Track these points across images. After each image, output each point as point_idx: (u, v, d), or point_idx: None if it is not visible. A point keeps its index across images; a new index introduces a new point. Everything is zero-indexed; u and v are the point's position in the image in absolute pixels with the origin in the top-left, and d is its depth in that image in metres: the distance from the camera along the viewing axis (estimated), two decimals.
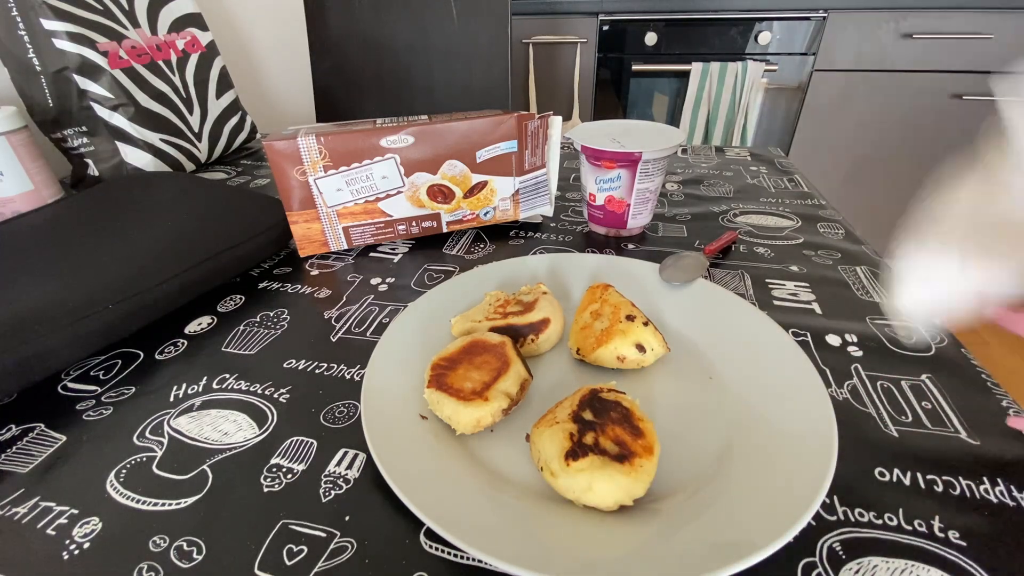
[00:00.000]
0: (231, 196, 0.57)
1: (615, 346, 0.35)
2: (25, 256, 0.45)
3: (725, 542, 0.23)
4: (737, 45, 1.55)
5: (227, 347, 0.41)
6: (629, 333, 0.35)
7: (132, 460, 0.31)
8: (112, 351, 0.41)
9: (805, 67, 1.55)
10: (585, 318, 0.38)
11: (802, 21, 1.49)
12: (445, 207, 0.54)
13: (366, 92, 1.09)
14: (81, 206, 0.53)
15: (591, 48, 1.60)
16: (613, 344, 0.35)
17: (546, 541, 0.25)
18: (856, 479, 0.28)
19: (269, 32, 1.11)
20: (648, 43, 1.58)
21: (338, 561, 0.25)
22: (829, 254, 0.52)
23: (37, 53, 0.63)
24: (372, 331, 0.42)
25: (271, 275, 0.51)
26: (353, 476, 0.30)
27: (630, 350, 0.35)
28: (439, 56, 1.05)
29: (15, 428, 0.34)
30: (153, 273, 0.42)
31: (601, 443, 0.27)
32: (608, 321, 0.37)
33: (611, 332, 0.35)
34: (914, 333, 0.40)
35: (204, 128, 0.80)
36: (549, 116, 0.55)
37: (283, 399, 0.35)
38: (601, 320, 0.37)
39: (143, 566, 0.25)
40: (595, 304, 0.39)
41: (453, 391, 0.31)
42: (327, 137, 0.48)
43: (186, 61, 0.77)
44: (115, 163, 0.70)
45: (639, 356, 0.35)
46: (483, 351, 0.34)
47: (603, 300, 0.39)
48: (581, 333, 0.37)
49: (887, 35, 1.47)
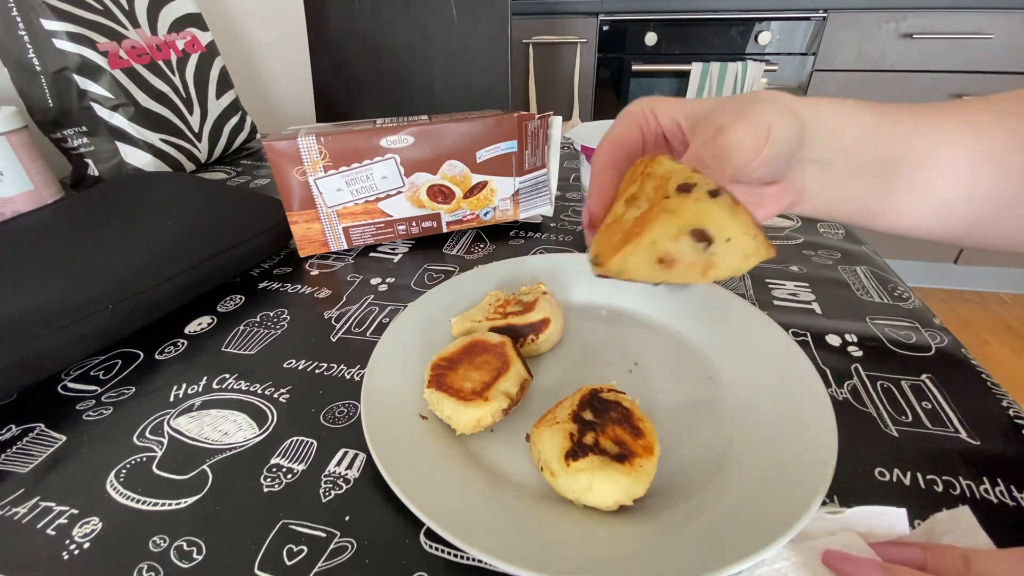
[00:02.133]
0: (231, 196, 0.57)
1: (655, 237, 0.21)
2: (25, 256, 0.45)
3: (725, 542, 0.23)
4: (737, 45, 1.55)
5: (227, 347, 0.41)
6: (681, 212, 0.20)
7: (132, 460, 0.31)
8: (112, 351, 0.40)
9: (805, 67, 1.55)
10: (617, 210, 0.25)
11: (802, 21, 1.49)
12: (445, 207, 0.54)
13: (366, 92, 1.09)
14: (81, 206, 0.53)
15: (591, 48, 1.60)
16: (651, 234, 0.20)
17: (546, 541, 0.25)
18: (856, 479, 0.28)
19: (269, 32, 1.11)
20: (648, 43, 1.58)
21: (338, 561, 0.25)
22: (829, 254, 0.52)
23: (37, 53, 0.63)
24: (372, 331, 0.42)
25: (271, 275, 0.51)
26: (353, 476, 0.30)
27: (682, 244, 0.20)
28: (439, 56, 1.05)
29: (15, 428, 0.34)
30: (153, 273, 0.42)
31: (601, 443, 0.27)
32: (649, 203, 0.22)
33: (648, 217, 0.21)
34: (914, 333, 0.40)
35: (204, 128, 0.80)
36: (549, 116, 0.55)
37: (283, 399, 0.35)
38: (638, 206, 0.23)
39: (143, 566, 0.25)
40: (634, 186, 0.24)
41: (453, 391, 0.31)
42: (327, 137, 0.48)
43: (186, 61, 0.77)
44: (115, 163, 0.70)
45: (701, 255, 0.20)
46: (483, 351, 0.34)
47: (645, 175, 0.23)
48: (605, 232, 0.24)
49: (887, 35, 1.47)
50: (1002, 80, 1.47)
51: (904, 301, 0.44)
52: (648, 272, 0.22)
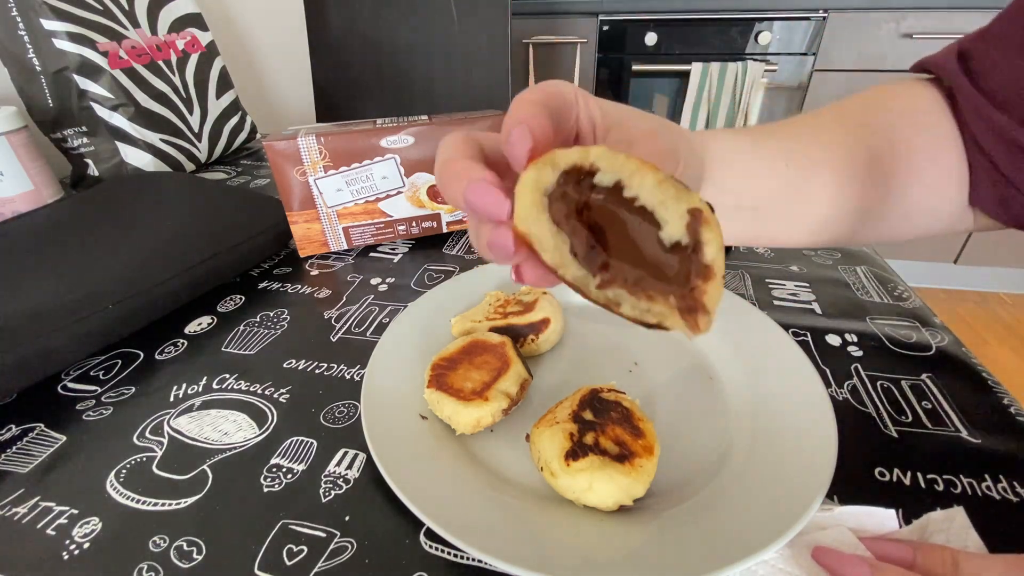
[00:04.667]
0: (231, 196, 0.57)
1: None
2: (25, 256, 0.45)
3: (725, 542, 0.23)
4: (737, 45, 1.55)
5: (227, 347, 0.41)
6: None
7: (132, 460, 0.31)
8: (112, 351, 0.40)
9: (805, 67, 1.55)
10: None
11: (802, 21, 1.49)
12: (445, 207, 0.54)
13: (366, 92, 1.09)
14: (81, 206, 0.53)
15: (591, 48, 1.60)
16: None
17: (546, 541, 0.25)
18: (856, 479, 0.28)
19: (269, 32, 1.10)
20: (648, 43, 1.58)
21: (338, 561, 0.25)
22: (829, 254, 0.52)
23: (37, 53, 0.63)
24: (372, 331, 0.42)
25: (271, 275, 0.51)
26: (353, 476, 0.30)
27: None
28: (439, 56, 1.05)
29: (15, 428, 0.34)
30: (153, 273, 0.42)
31: (601, 443, 0.27)
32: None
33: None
34: (914, 332, 0.40)
35: (204, 128, 0.80)
36: None
37: (283, 399, 0.35)
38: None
39: (143, 566, 0.25)
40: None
41: (453, 391, 0.31)
42: (327, 137, 0.48)
43: (186, 61, 0.77)
44: (115, 163, 0.70)
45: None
46: (483, 351, 0.34)
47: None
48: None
49: (887, 35, 1.47)
50: None
51: (904, 301, 0.44)
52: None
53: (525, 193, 0.17)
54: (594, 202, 0.18)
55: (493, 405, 0.30)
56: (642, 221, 0.17)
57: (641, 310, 0.17)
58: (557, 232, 0.18)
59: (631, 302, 0.17)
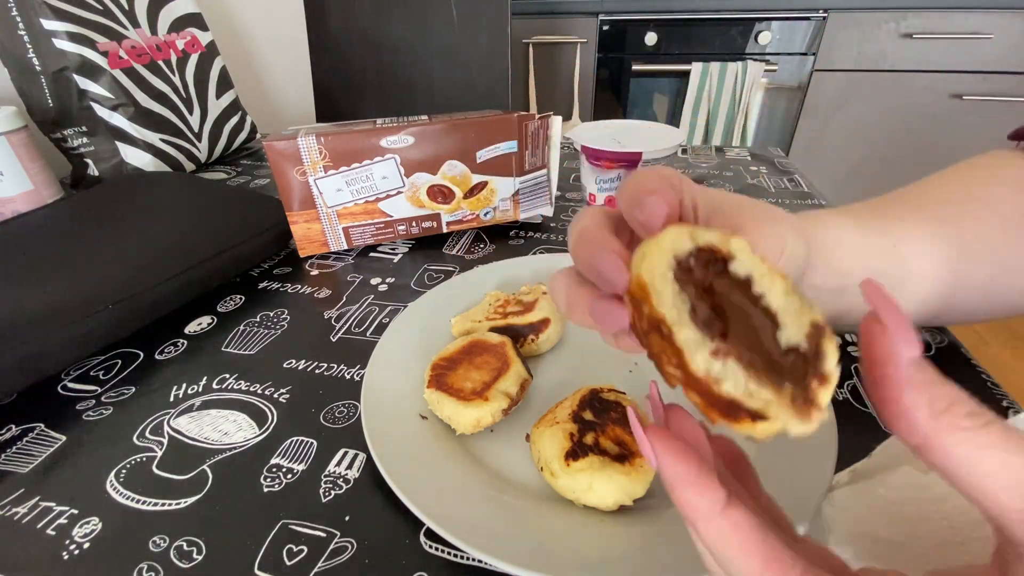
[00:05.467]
0: (231, 196, 0.57)
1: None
2: (25, 256, 0.45)
3: None
4: (737, 45, 1.55)
5: (227, 347, 0.41)
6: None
7: (132, 460, 0.31)
8: (112, 351, 0.40)
9: (805, 67, 1.55)
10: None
11: (802, 21, 1.49)
12: (445, 207, 0.54)
13: (366, 92, 1.09)
14: (81, 206, 0.53)
15: (591, 48, 1.60)
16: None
17: (546, 541, 0.25)
18: None
19: (269, 32, 1.10)
20: (648, 43, 1.58)
21: (338, 561, 0.25)
22: None
23: (37, 53, 0.63)
24: (372, 331, 0.42)
25: (271, 275, 0.51)
26: (353, 476, 0.30)
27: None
28: (439, 56, 1.05)
29: (15, 428, 0.34)
30: (153, 273, 0.42)
31: (601, 443, 0.27)
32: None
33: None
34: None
35: (204, 128, 0.80)
36: (549, 116, 0.55)
37: (283, 399, 0.35)
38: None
39: (143, 566, 0.25)
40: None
41: (453, 391, 0.31)
42: (327, 137, 0.48)
43: (186, 61, 0.77)
44: (115, 163, 0.70)
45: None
46: (483, 351, 0.34)
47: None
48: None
49: (887, 35, 1.48)
50: (1002, 80, 1.47)
51: None
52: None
53: (656, 250, 0.18)
54: (718, 286, 0.18)
55: (493, 405, 0.30)
56: (762, 316, 0.17)
57: (745, 392, 0.17)
58: (679, 292, 0.18)
59: (738, 381, 0.17)
